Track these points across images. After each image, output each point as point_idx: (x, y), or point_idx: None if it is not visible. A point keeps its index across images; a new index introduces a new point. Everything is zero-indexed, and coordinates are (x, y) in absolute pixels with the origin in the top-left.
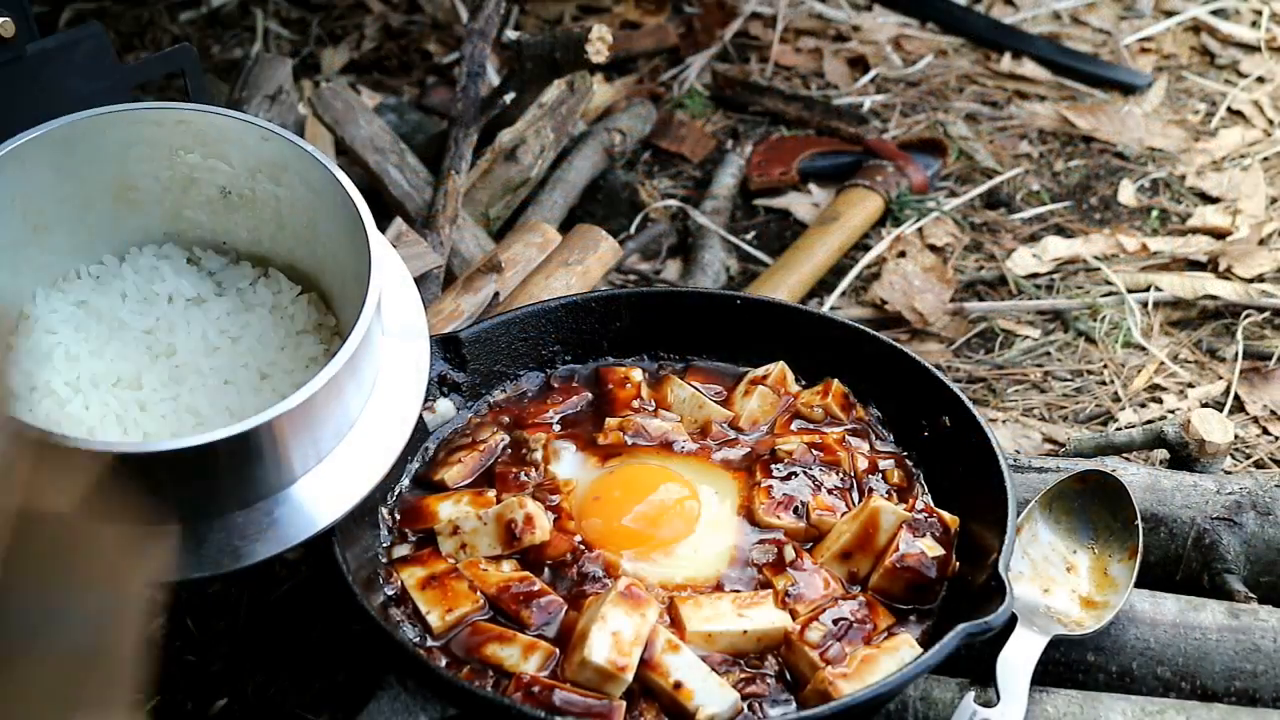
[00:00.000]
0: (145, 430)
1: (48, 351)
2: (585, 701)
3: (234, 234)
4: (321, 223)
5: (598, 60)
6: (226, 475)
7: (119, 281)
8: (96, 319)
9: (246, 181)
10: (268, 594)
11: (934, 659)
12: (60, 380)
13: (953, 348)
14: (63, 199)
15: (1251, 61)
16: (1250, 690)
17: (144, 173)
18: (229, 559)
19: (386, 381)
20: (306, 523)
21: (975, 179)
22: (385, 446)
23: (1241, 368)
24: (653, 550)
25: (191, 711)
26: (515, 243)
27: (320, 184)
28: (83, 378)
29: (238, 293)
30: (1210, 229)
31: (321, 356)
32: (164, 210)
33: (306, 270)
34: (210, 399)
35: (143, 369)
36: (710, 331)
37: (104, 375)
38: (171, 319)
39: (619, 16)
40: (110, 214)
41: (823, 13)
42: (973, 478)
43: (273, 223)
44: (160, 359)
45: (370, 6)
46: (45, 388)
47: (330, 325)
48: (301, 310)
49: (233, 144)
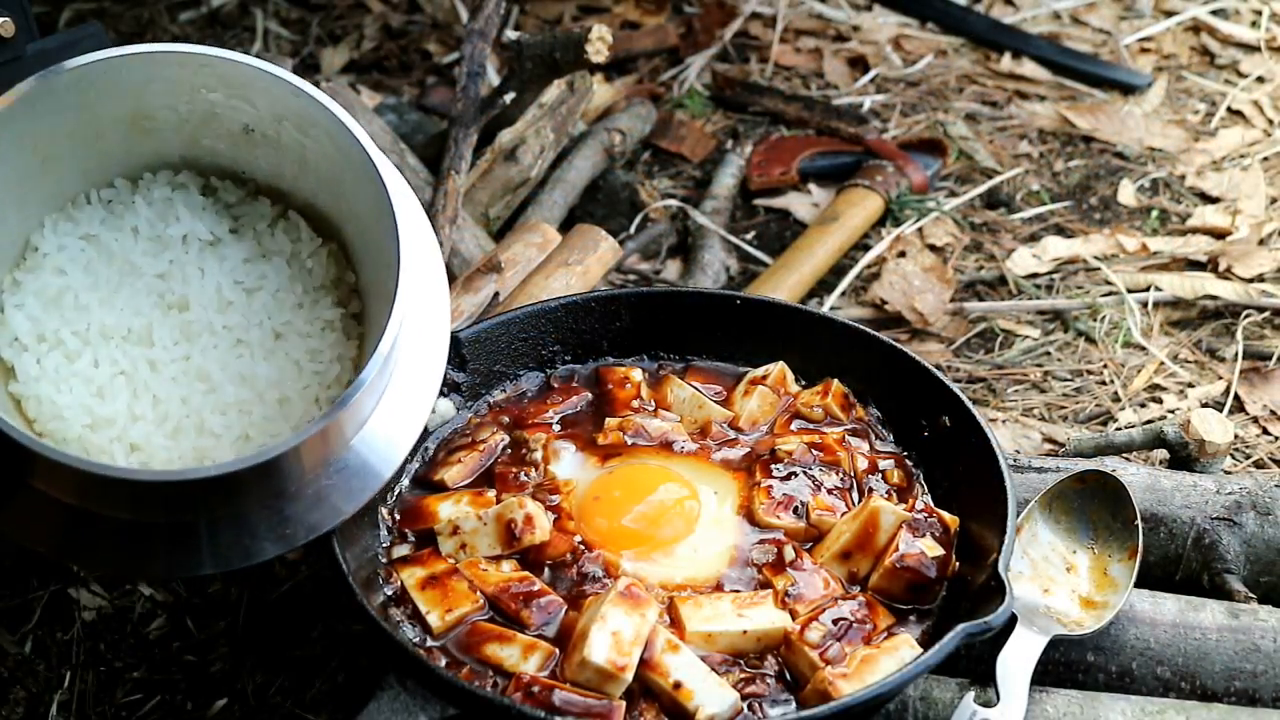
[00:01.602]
0: (155, 393)
1: (57, 295)
2: (585, 701)
3: (255, 166)
4: (347, 180)
5: (598, 60)
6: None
7: (131, 214)
8: (107, 260)
9: (272, 125)
10: (268, 594)
11: (934, 659)
12: (69, 331)
13: (953, 348)
14: (73, 131)
15: (1251, 61)
16: (1250, 690)
17: (162, 105)
18: (238, 557)
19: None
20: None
21: (975, 179)
22: (399, 439)
23: (1241, 368)
24: (653, 550)
25: (191, 711)
26: (515, 243)
27: (348, 148)
28: (93, 329)
29: (255, 235)
30: (1210, 229)
31: (338, 320)
32: (181, 138)
33: (328, 215)
34: (222, 362)
35: (154, 322)
36: (710, 331)
37: (114, 327)
38: (185, 265)
39: (619, 16)
40: (124, 141)
41: (823, 13)
42: (973, 478)
43: (296, 164)
44: (172, 312)
45: (370, 6)
46: (54, 338)
47: (349, 282)
48: (320, 264)
49: (259, 91)
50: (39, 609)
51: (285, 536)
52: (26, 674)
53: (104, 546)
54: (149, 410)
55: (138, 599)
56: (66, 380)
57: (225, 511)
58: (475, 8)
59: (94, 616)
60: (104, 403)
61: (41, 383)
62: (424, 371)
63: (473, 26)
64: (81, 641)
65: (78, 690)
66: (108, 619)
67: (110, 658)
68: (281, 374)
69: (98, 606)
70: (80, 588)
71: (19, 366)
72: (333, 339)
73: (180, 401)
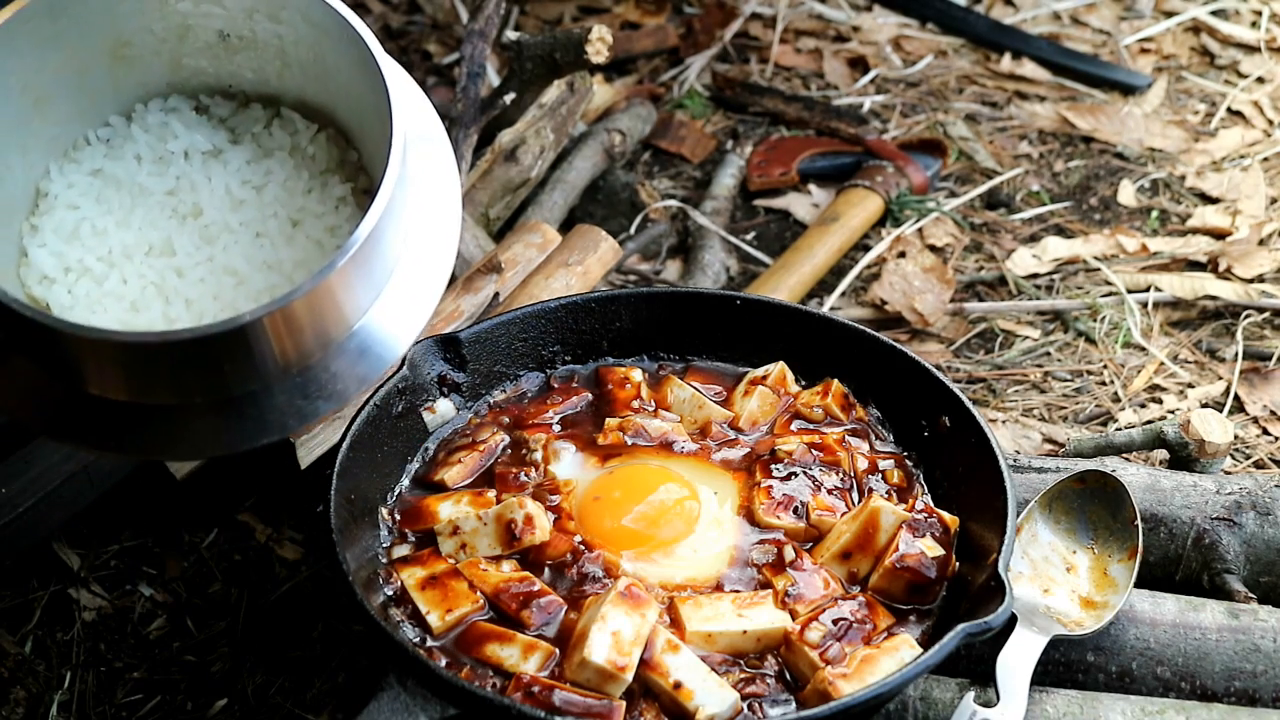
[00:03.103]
0: (186, 297)
1: (74, 228)
2: (585, 701)
3: (239, 76)
4: (329, 57)
5: (598, 61)
6: (278, 343)
7: (130, 144)
8: (116, 187)
9: (244, 23)
10: (268, 594)
11: (934, 659)
12: (93, 257)
13: (953, 348)
14: (58, 68)
15: (1251, 62)
16: (1250, 690)
17: (136, 28)
18: (294, 419)
19: (421, 208)
20: (369, 367)
21: (975, 179)
22: (430, 283)
23: (1241, 368)
24: (653, 550)
25: (191, 711)
26: (515, 243)
27: (322, 19)
28: (114, 251)
29: (253, 138)
30: (1210, 229)
31: (350, 195)
32: (163, 62)
33: (319, 105)
34: (245, 255)
35: (172, 233)
36: (710, 331)
37: (135, 246)
38: (191, 176)
39: (619, 17)
40: (108, 74)
41: (823, 13)
42: (973, 478)
43: (277, 60)
44: (188, 220)
45: (370, 6)
46: (79, 267)
47: (353, 160)
48: (321, 149)
49: None
50: (39, 609)
51: (337, 393)
52: (26, 674)
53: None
54: (184, 313)
55: (138, 599)
56: (99, 302)
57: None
58: (475, 8)
59: (94, 616)
60: (139, 315)
61: (76, 310)
62: (435, 248)
63: (473, 27)
64: (81, 641)
65: (78, 690)
66: (108, 619)
67: (110, 658)
68: (306, 254)
69: (98, 606)
70: (80, 588)
71: (52, 300)
72: (348, 213)
73: (213, 299)
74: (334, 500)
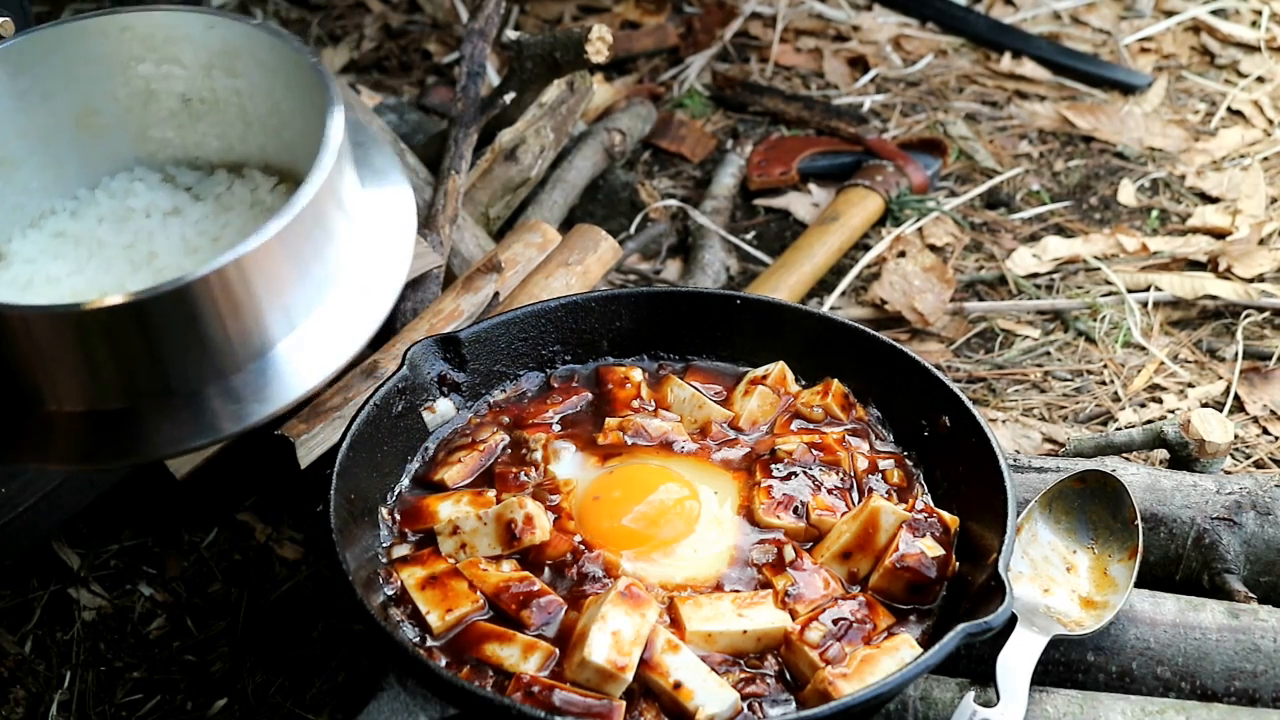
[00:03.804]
0: None
1: (27, 281)
2: (585, 701)
3: (204, 144)
4: (284, 102)
5: (598, 60)
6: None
7: (94, 208)
8: (74, 244)
9: (204, 82)
10: (268, 594)
11: (934, 659)
12: (44, 301)
13: (953, 348)
14: (24, 132)
15: (1251, 61)
16: (1250, 690)
17: (101, 93)
18: (230, 422)
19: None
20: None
21: (975, 179)
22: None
23: (1241, 368)
24: (653, 550)
25: (191, 711)
26: (515, 243)
27: (272, 59)
28: (64, 295)
29: (215, 198)
30: (1210, 229)
31: None
32: (129, 132)
33: (281, 164)
34: None
35: (125, 277)
36: (710, 331)
37: (86, 289)
38: (150, 230)
39: (619, 16)
40: (75, 143)
41: (823, 13)
42: (973, 478)
43: (239, 122)
44: (142, 267)
45: (370, 6)
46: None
47: None
48: (280, 199)
49: (181, 41)
50: (39, 609)
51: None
52: (26, 673)
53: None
54: None
55: (138, 599)
56: None
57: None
58: (475, 8)
59: (94, 616)
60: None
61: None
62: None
63: (473, 26)
64: (81, 641)
65: (78, 690)
66: (108, 619)
67: (110, 658)
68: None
69: (98, 606)
70: (80, 588)
71: None
72: None
73: None
74: (334, 500)
